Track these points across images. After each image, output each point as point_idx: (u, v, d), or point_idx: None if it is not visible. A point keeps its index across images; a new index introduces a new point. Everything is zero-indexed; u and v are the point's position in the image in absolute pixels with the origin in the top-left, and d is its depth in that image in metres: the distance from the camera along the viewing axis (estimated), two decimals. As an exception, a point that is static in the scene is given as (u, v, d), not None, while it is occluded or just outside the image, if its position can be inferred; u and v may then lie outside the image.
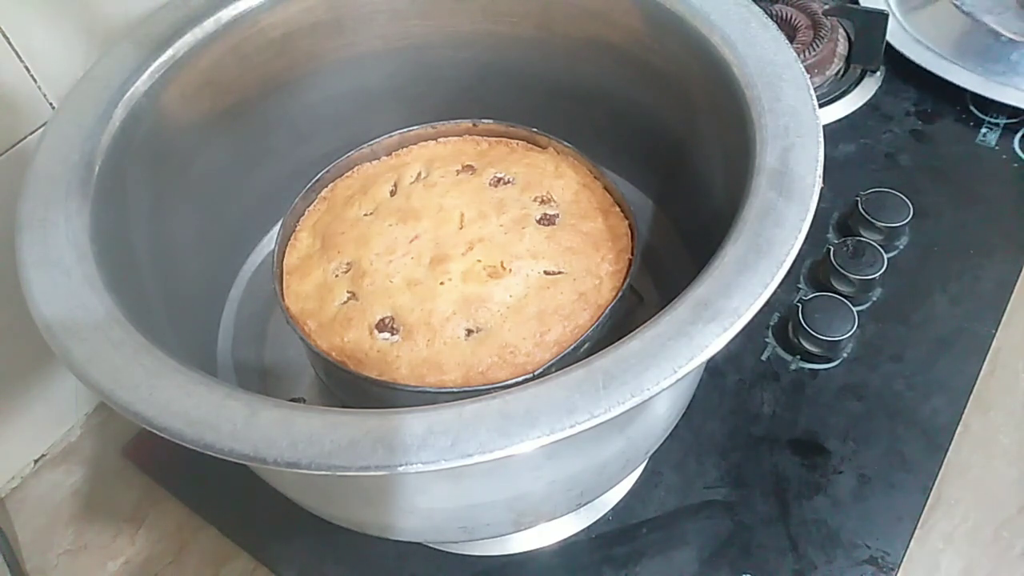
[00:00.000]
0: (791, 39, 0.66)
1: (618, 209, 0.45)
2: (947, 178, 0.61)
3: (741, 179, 0.35)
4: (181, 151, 0.44)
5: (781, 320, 0.54)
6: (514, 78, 0.51)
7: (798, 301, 0.53)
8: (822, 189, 0.33)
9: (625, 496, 0.48)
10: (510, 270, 0.41)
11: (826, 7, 0.69)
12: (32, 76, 0.44)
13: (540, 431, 0.27)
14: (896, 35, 0.68)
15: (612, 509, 0.47)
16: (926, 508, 0.46)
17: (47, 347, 0.31)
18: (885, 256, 0.54)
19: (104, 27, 0.46)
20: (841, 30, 0.69)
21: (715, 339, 0.29)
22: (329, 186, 0.48)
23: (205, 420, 0.28)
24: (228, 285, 0.50)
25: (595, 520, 0.47)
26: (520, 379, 0.37)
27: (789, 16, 0.69)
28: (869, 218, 0.56)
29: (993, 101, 0.63)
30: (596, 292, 0.41)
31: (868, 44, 0.67)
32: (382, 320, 0.40)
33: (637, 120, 0.48)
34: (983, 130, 0.64)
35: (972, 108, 0.65)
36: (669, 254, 0.49)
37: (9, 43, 0.42)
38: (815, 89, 0.48)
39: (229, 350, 0.48)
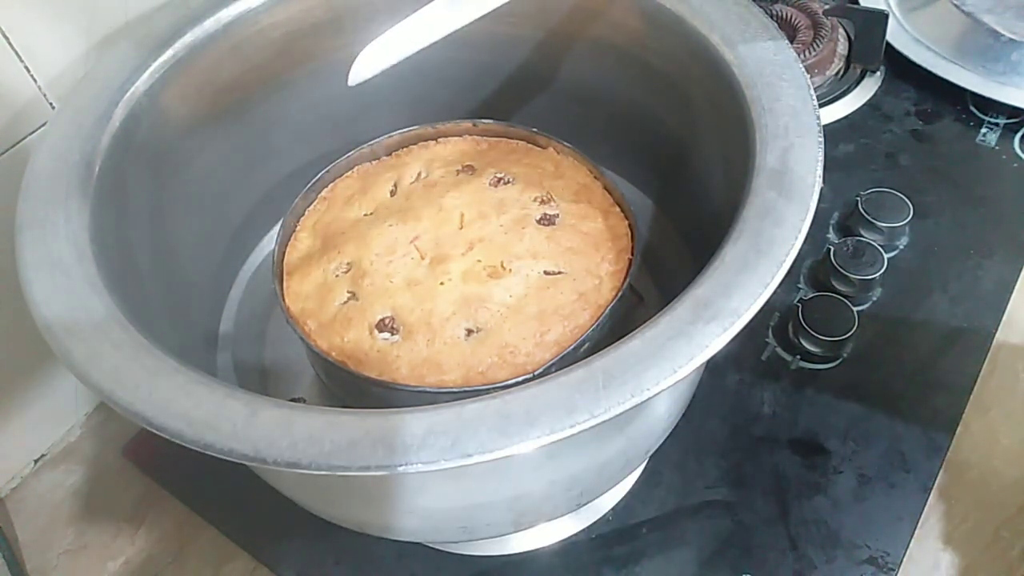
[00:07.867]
0: (791, 39, 0.66)
1: (618, 209, 0.45)
2: (947, 178, 0.61)
3: (741, 179, 0.35)
4: (181, 151, 0.44)
5: (781, 320, 0.54)
6: (514, 78, 0.51)
7: (798, 301, 0.53)
8: (822, 189, 0.33)
9: (625, 496, 0.48)
10: (510, 270, 0.41)
11: (826, 7, 0.69)
12: (32, 76, 0.44)
13: (540, 431, 0.27)
14: (896, 35, 0.68)
15: (612, 509, 0.47)
16: (926, 508, 0.46)
17: (47, 347, 0.31)
18: (885, 256, 0.54)
19: (104, 27, 0.46)
20: (841, 30, 0.69)
21: (715, 339, 0.29)
22: (329, 186, 0.48)
23: (205, 420, 0.28)
24: (228, 285, 0.50)
25: (595, 520, 0.47)
26: (520, 379, 0.37)
27: (789, 16, 0.69)
28: (869, 218, 0.56)
29: (993, 101, 0.63)
30: (596, 292, 0.41)
31: (868, 44, 0.67)
32: (382, 320, 0.40)
33: (637, 120, 0.48)
34: (983, 130, 0.64)
35: (972, 108, 0.65)
36: (669, 254, 0.49)
37: (9, 43, 0.42)
38: (815, 89, 0.48)
39: (229, 350, 0.48)
